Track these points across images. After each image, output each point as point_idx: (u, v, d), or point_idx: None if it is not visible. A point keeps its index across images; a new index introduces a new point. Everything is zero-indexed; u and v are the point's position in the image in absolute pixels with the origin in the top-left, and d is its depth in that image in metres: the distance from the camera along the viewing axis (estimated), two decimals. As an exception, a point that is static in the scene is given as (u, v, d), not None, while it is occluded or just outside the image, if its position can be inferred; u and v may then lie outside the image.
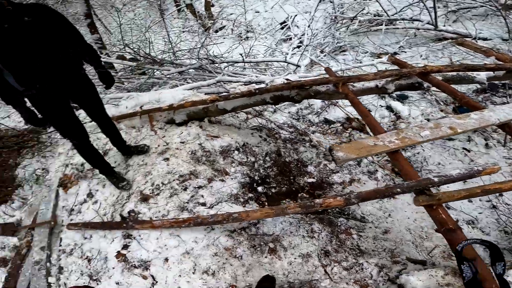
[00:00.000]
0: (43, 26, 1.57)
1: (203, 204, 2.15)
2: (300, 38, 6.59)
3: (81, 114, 2.95)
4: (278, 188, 2.53)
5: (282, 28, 8.55)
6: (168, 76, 4.01)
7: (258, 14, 10.42)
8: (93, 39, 6.03)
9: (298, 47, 6.56)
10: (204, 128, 2.77)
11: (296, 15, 8.36)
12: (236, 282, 1.79)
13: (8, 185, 3.05)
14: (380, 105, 3.68)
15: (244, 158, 2.65)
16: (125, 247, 2.01)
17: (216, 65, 4.16)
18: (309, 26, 5.91)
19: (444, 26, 5.47)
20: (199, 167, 2.38)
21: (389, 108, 3.66)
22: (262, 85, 3.37)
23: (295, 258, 1.92)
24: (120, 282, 1.88)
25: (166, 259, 1.88)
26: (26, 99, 1.72)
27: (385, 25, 5.63)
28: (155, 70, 3.98)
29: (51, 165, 3.01)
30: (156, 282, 1.82)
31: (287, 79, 3.01)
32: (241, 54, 4.60)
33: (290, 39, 7.42)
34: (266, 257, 1.92)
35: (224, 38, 8.38)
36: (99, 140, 2.84)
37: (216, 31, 9.27)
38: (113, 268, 1.96)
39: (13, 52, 1.51)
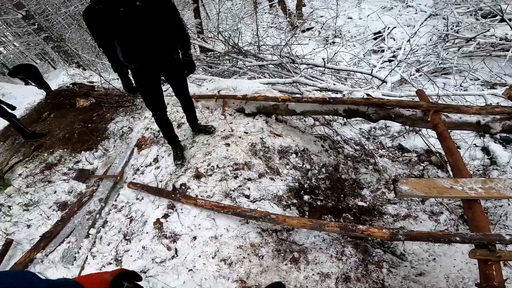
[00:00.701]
0: (151, 10, 1.75)
1: (247, 197, 2.17)
2: (395, 52, 6.04)
3: (168, 90, 3.27)
4: (324, 202, 2.40)
5: (375, 39, 7.99)
6: (248, 67, 4.15)
7: (350, 20, 9.94)
8: (195, 23, 6.64)
9: (390, 61, 6.04)
10: (270, 124, 2.78)
11: (394, 27, 7.68)
12: (247, 279, 1.77)
13: (99, 135, 3.64)
14: (474, 144, 3.10)
15: (299, 163, 2.58)
16: (165, 216, 2.16)
17: (296, 65, 4.13)
18: (409, 40, 5.35)
19: None
20: (254, 160, 2.41)
21: (485, 150, 3.05)
22: (338, 95, 3.21)
23: (313, 275, 1.81)
24: (146, 247, 2.04)
25: (195, 238, 1.95)
26: (128, 71, 2.02)
27: (512, 52, 4.66)
28: (238, 60, 4.17)
29: (136, 126, 3.45)
30: (177, 255, 1.91)
31: (367, 94, 2.78)
32: (323, 59, 4.45)
33: (382, 51, 6.88)
34: (286, 264, 1.86)
35: (309, 39, 8.27)
36: (177, 113, 3.12)
37: (303, 31, 9.21)
38: (147, 233, 2.11)
39: (124, 32, 1.76)
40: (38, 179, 3.27)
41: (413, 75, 4.91)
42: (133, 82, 2.05)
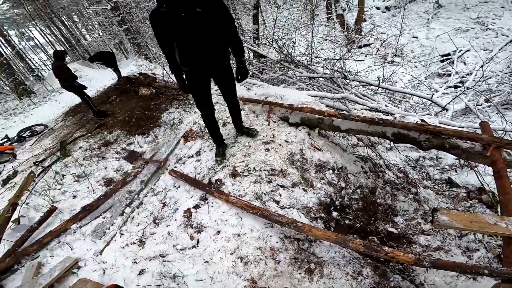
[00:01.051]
0: (209, 17, 1.88)
1: (277, 202, 2.20)
2: (463, 77, 5.52)
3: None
4: (352, 222, 2.31)
5: (442, 61, 7.39)
6: (298, 77, 4.17)
7: (415, 39, 9.34)
8: (253, 29, 6.89)
9: (455, 87, 5.54)
10: (311, 137, 2.77)
11: (467, 50, 7.02)
12: (258, 280, 1.78)
13: (152, 122, 4.01)
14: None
15: (335, 180, 2.52)
16: (196, 207, 2.26)
17: (347, 81, 4.03)
18: (482, 66, 4.84)
19: None
20: (290, 169, 2.43)
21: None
22: (389, 118, 3.05)
23: (323, 288, 1.76)
24: (171, 233, 2.15)
25: (218, 232, 2.01)
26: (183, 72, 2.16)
27: None
28: (289, 69, 4.22)
29: (185, 119, 3.72)
30: (197, 246, 1.99)
31: (422, 120, 2.60)
32: (378, 78, 4.27)
33: (449, 75, 6.34)
34: (300, 273, 1.83)
35: (365, 55, 7.97)
36: (224, 112, 3.28)
37: (360, 47, 8.92)
38: (175, 220, 2.22)
39: (183, 35, 1.91)
40: (94, 154, 3.67)
41: (481, 104, 4.42)
42: (186, 83, 2.23)
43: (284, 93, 3.24)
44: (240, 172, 2.40)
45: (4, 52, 13.15)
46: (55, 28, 21.95)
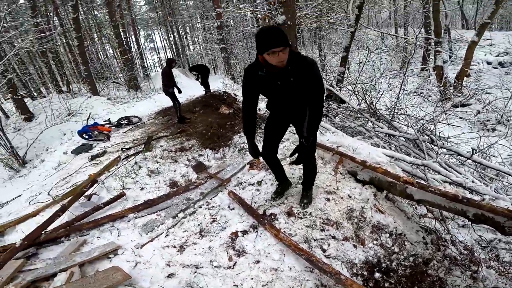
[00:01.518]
0: (301, 86, 1.87)
1: (323, 250, 2.17)
2: None
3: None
4: (393, 285, 2.13)
5: None
6: (376, 132, 3.99)
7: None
8: (339, 71, 6.91)
9: None
10: (377, 199, 2.62)
11: None
12: None
13: (224, 140, 4.35)
14: None
15: (389, 244, 2.36)
16: (244, 232, 2.31)
17: (433, 146, 3.65)
18: None
19: None
20: (346, 224, 2.37)
21: None
22: (475, 198, 2.67)
23: None
24: (212, 248, 2.21)
25: (257, 261, 2.04)
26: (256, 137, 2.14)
27: None
28: (369, 121, 4.07)
29: (256, 148, 3.89)
30: (233, 268, 2.01)
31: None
32: (472, 149, 3.75)
33: None
34: None
35: (460, 118, 7.08)
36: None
37: (456, 106, 7.92)
38: (220, 237, 2.31)
39: (273, 97, 2.03)
40: (169, 156, 4.13)
41: None
42: (258, 149, 2.29)
43: (357, 146, 3.17)
44: (296, 213, 2.44)
45: (132, 49, 16.37)
46: (171, 35, 26.32)
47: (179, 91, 5.62)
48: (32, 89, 15.40)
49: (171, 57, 9.91)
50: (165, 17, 25.32)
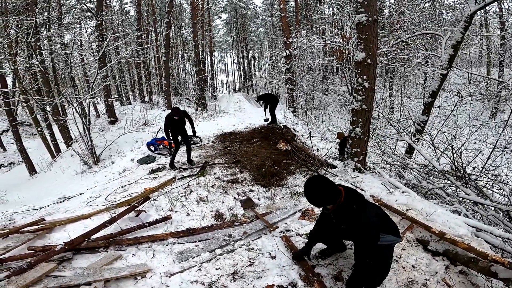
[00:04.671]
0: (350, 235, 1.99)
1: None
2: None
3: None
4: None
5: None
6: (460, 197, 3.31)
7: None
8: (420, 120, 5.92)
9: None
10: (448, 272, 2.19)
11: None
12: None
13: (277, 179, 4.11)
14: None
15: None
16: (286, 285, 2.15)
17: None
18: None
19: None
20: None
21: None
22: None
23: None
24: None
25: None
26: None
27: None
28: (453, 185, 3.37)
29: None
30: None
31: None
32: None
33: None
34: None
35: None
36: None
37: None
38: (253, 287, 2.19)
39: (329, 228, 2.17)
40: (221, 185, 4.03)
41: None
42: (307, 254, 2.35)
43: (432, 212, 2.70)
44: (345, 278, 2.19)
45: (206, 69, 18.01)
46: (241, 59, 28.44)
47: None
48: (123, 95, 18.06)
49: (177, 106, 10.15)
50: (238, 41, 27.77)
